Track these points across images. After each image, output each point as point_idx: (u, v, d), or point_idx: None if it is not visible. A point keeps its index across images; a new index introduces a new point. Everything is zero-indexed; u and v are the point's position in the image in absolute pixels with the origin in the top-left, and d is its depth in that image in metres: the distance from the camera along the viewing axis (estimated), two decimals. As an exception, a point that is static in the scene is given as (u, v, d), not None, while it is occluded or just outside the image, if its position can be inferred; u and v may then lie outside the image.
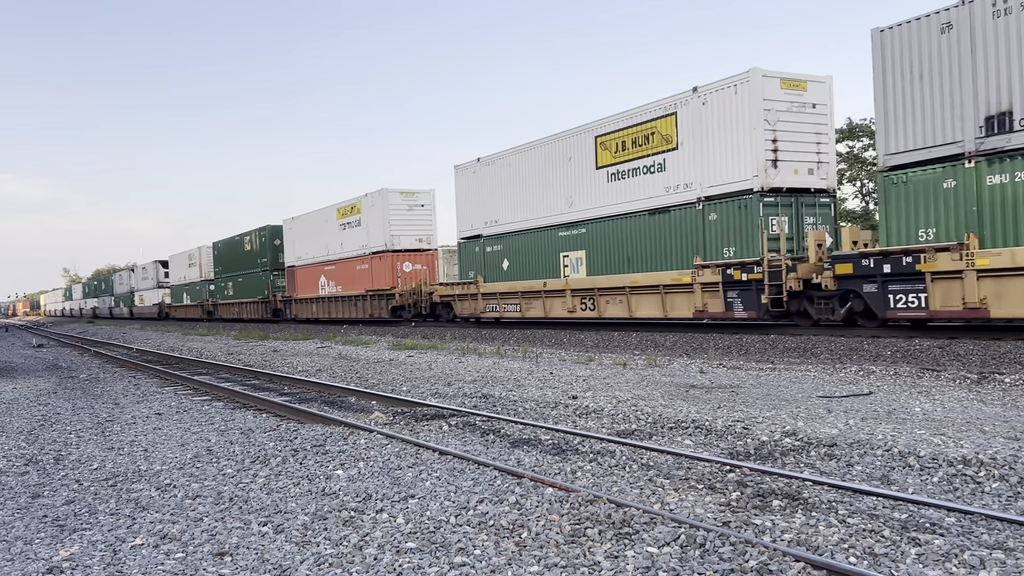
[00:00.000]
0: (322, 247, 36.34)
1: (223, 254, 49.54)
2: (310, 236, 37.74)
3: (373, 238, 32.00)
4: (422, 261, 31.68)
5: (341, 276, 34.64)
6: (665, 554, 4.09)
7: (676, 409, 8.54)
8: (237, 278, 46.96)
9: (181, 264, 58.78)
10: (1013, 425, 6.98)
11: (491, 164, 25.62)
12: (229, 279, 48.38)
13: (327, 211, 36.08)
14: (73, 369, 18.30)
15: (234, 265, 47.50)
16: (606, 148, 20.66)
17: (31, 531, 5.13)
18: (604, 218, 20.74)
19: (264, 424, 8.80)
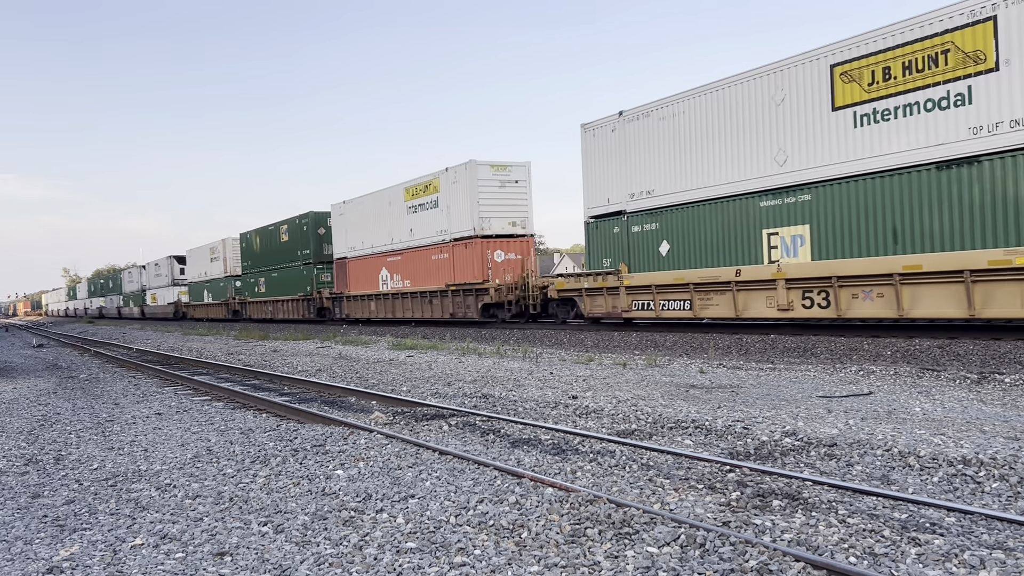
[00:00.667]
0: (383, 235, 30.54)
1: (253, 246, 43.51)
2: (367, 222, 31.79)
3: (456, 221, 26.19)
4: (516, 249, 25.66)
5: (410, 268, 28.98)
6: (665, 554, 4.09)
7: (676, 409, 8.54)
8: (271, 273, 40.83)
9: (201, 259, 53.08)
10: (1013, 425, 6.98)
11: (641, 118, 19.73)
12: (261, 274, 42.39)
13: (390, 192, 30.10)
14: (73, 369, 18.30)
15: (267, 258, 41.25)
16: (852, 79, 14.75)
17: (31, 531, 5.13)
18: (846, 178, 14.83)
19: (264, 424, 8.80)
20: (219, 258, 49.04)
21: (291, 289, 38.50)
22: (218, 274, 49.29)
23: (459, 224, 26.10)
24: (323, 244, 35.97)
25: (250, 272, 44.34)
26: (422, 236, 28.26)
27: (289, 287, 38.82)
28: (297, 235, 37.68)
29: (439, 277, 27.17)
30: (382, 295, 30.77)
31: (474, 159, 25.30)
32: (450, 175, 26.44)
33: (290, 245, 38.44)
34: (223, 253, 48.37)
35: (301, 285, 37.31)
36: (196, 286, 54.44)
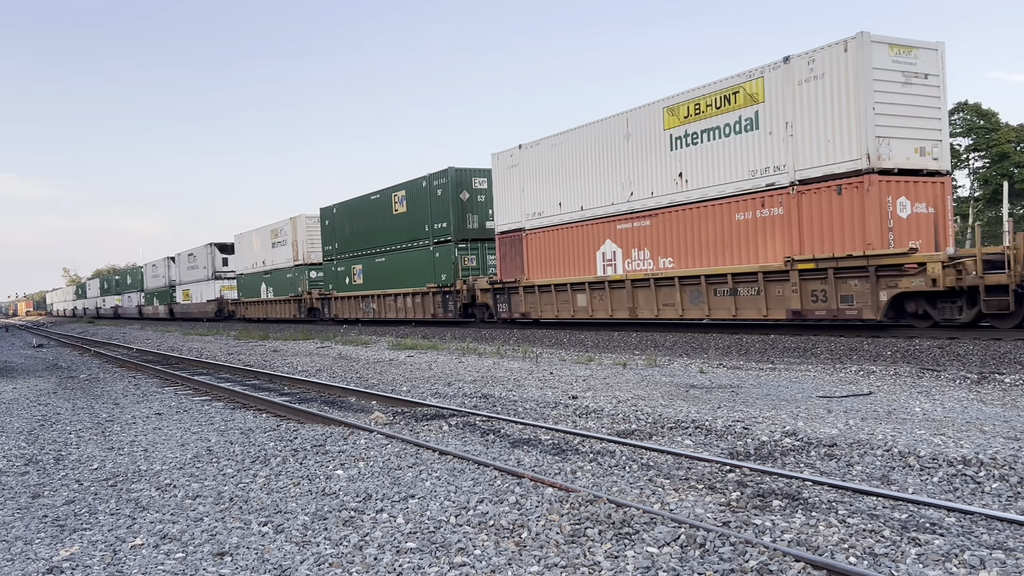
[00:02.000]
0: (608, 188, 19.67)
1: (341, 225, 33.59)
2: (570, 172, 20.97)
3: (810, 148, 15.02)
4: (927, 197, 14.72)
5: (672, 238, 18.13)
6: (665, 554, 4.08)
7: (676, 409, 8.54)
8: (374, 258, 30.87)
9: (256, 245, 43.06)
10: (1013, 425, 6.98)
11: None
12: (355, 259, 32.49)
13: (629, 118, 19.10)
14: (73, 369, 18.30)
15: (367, 239, 31.42)
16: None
17: (31, 531, 5.13)
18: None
19: (264, 424, 8.80)
20: (285, 242, 39.03)
21: (411, 278, 28.29)
22: (284, 262, 39.28)
23: (818, 151, 14.84)
24: (466, 215, 26.06)
25: (337, 258, 34.14)
26: (714, 181, 16.98)
27: (408, 276, 28.55)
28: (423, 204, 27.45)
29: (748, 249, 16.26)
30: (604, 283, 19.64)
31: (864, 31, 14.05)
32: (798, 67, 15.09)
33: (410, 219, 28.28)
34: (292, 236, 38.48)
35: (429, 272, 27.01)
36: (249, 279, 44.50)
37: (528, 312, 23.09)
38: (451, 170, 26.25)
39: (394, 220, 29.66)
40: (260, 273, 43.00)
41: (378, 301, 31.00)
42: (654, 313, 18.58)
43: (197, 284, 53.04)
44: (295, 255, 38.47)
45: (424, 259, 27.53)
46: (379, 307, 30.94)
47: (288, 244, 39.10)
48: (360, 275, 32.47)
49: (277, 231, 40.43)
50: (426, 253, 27.45)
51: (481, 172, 26.48)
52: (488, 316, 25.05)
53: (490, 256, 25.92)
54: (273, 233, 40.92)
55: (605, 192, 19.91)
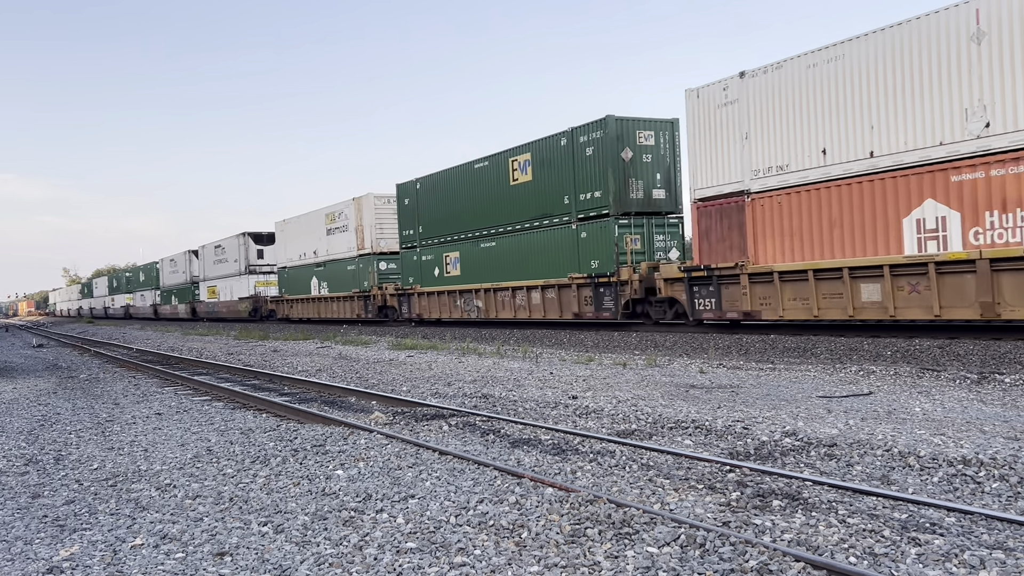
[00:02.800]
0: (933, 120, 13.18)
1: (432, 202, 27.22)
2: (837, 104, 14.57)
3: None
4: None
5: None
6: (665, 554, 4.09)
7: (676, 409, 8.54)
8: (479, 242, 24.50)
9: (306, 233, 36.78)
10: (1013, 425, 6.98)
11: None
12: (450, 246, 26.17)
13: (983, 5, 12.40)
14: (73, 369, 18.30)
15: (468, 218, 25.12)
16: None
17: (31, 531, 5.13)
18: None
19: (264, 424, 8.80)
20: (346, 228, 32.90)
21: (540, 267, 21.92)
22: (344, 252, 33.08)
23: None
24: (628, 181, 19.76)
25: (421, 245, 27.84)
26: None
27: (535, 264, 22.16)
28: (561, 168, 21.10)
29: None
30: (927, 265, 13.08)
31: None
32: None
33: (538, 189, 22.03)
34: (355, 220, 32.01)
35: (571, 258, 20.82)
36: (295, 273, 38.21)
37: (756, 311, 15.91)
38: (610, 120, 19.61)
39: (512, 193, 23.00)
40: (310, 266, 36.41)
41: (486, 297, 24.16)
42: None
43: (226, 280, 46.50)
44: (360, 243, 31.79)
45: (563, 241, 21.10)
46: (487, 304, 24.16)
47: (350, 230, 32.51)
48: (456, 264, 25.89)
49: (334, 215, 33.62)
50: (566, 233, 20.99)
51: (647, 124, 20.06)
52: (676, 315, 18.35)
53: (658, 236, 20.06)
54: (329, 218, 34.09)
55: (924, 128, 13.32)
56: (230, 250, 46.77)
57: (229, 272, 46.67)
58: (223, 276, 47.56)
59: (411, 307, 28.85)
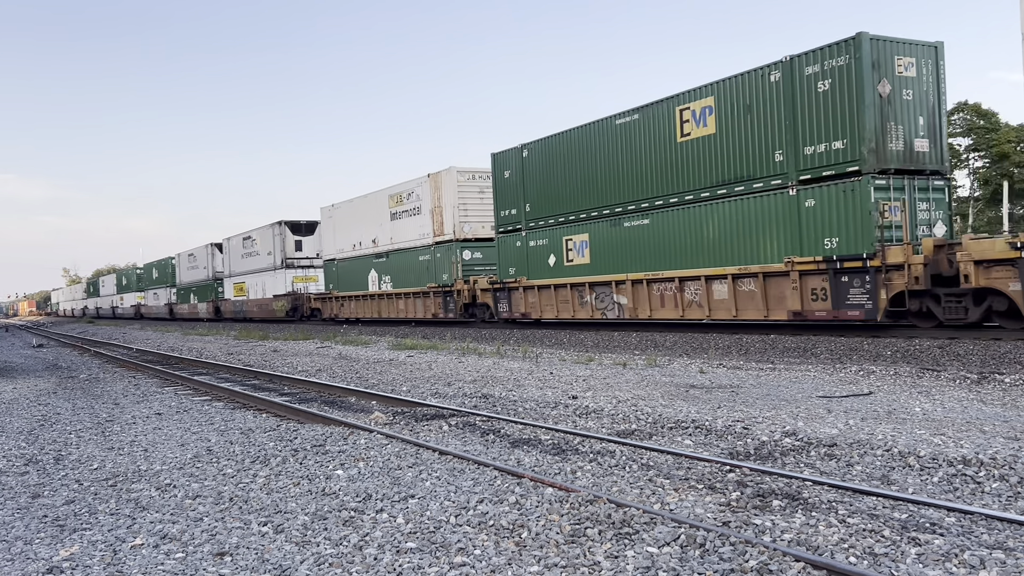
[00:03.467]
0: None
1: (545, 172, 21.77)
2: None
3: None
4: None
5: None
6: (665, 554, 4.08)
7: (676, 409, 8.53)
8: (623, 220, 19.24)
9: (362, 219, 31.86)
10: (1013, 425, 6.98)
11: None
12: (573, 227, 20.88)
13: None
14: (73, 369, 18.30)
15: (604, 190, 19.78)
16: None
17: (31, 531, 5.13)
18: None
19: (264, 424, 8.80)
20: (418, 211, 28.00)
21: (733, 250, 16.54)
22: (414, 240, 28.18)
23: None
24: (887, 126, 14.34)
25: (528, 227, 22.33)
26: None
27: (716, 247, 16.91)
28: (763, 116, 15.87)
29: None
30: None
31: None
32: None
33: (720, 146, 16.73)
34: (431, 200, 27.01)
35: (787, 235, 15.43)
36: (349, 266, 33.28)
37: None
38: (863, 40, 14.10)
39: (681, 152, 17.65)
40: (367, 257, 31.46)
41: (633, 291, 18.70)
42: None
43: (258, 276, 41.21)
44: (437, 228, 26.81)
45: (772, 212, 15.77)
46: (635, 300, 18.73)
47: (423, 213, 27.62)
48: (583, 250, 20.45)
49: (401, 196, 29.02)
50: (779, 202, 15.62)
51: (908, 48, 14.71)
52: None
53: (921, 204, 14.66)
54: (395, 199, 29.44)
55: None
56: (262, 242, 40.79)
57: (261, 266, 41.06)
58: (253, 271, 42.14)
59: (512, 304, 23.17)
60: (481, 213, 26.29)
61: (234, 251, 45.95)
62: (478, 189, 26.42)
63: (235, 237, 45.82)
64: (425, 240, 27.76)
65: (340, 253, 34.31)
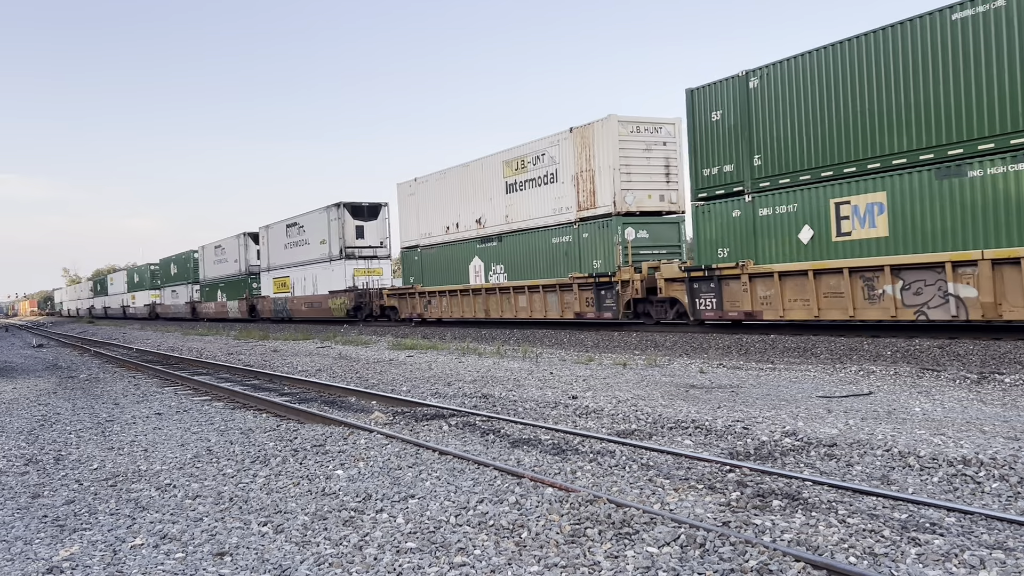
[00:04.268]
0: None
1: (803, 104, 15.06)
2: None
3: None
4: None
5: None
6: (665, 554, 4.08)
7: (676, 409, 8.54)
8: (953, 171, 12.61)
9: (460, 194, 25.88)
10: (1013, 425, 6.98)
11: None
12: (864, 183, 14.03)
13: None
14: (73, 369, 18.30)
15: (924, 127, 13.15)
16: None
17: (31, 531, 5.13)
18: None
19: (264, 424, 8.80)
20: (551, 177, 21.86)
21: None
22: (546, 215, 22.15)
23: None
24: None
25: (757, 189, 16.12)
26: None
27: None
28: None
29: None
30: None
31: None
32: None
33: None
34: (573, 163, 21.09)
35: None
36: (439, 254, 27.10)
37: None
38: None
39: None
40: (468, 242, 25.24)
41: (993, 278, 12.19)
42: None
43: (307, 269, 35.57)
44: (585, 199, 20.74)
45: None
46: (995, 290, 12.13)
47: (562, 181, 21.28)
48: (875, 217, 14.10)
49: (523, 162, 22.78)
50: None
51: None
52: None
53: None
54: (514, 166, 23.06)
55: None
56: (313, 228, 34.81)
57: (311, 258, 35.28)
58: (301, 263, 36.34)
59: (723, 300, 16.88)
60: (647, 178, 20.10)
61: (275, 241, 39.47)
62: (643, 146, 20.08)
63: (276, 224, 39.57)
64: (563, 216, 21.30)
65: (426, 238, 27.90)
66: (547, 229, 22.33)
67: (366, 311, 31.65)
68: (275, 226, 40.09)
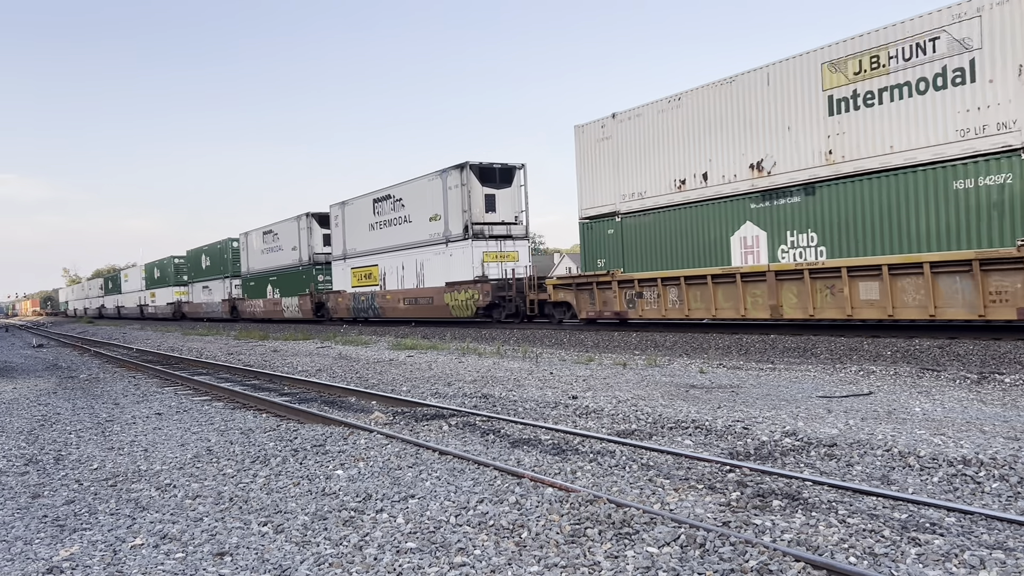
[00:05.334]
0: None
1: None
2: None
3: None
4: None
5: None
6: (665, 554, 4.08)
7: (676, 409, 8.53)
8: None
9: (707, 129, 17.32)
10: (1013, 425, 6.98)
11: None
12: None
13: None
14: (73, 369, 18.30)
15: None
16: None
17: (31, 531, 5.13)
18: None
19: (264, 424, 8.80)
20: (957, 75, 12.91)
21: None
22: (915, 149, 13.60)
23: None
24: None
25: None
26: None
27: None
28: None
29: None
30: None
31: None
32: None
33: None
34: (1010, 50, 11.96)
35: None
36: (654, 223, 18.76)
37: None
38: None
39: None
40: (728, 200, 17.12)
41: None
42: None
43: (407, 254, 28.09)
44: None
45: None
46: None
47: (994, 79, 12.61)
48: None
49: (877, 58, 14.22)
50: None
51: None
52: None
53: None
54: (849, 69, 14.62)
55: None
56: (415, 200, 27.54)
57: (415, 239, 27.69)
58: (397, 248, 28.77)
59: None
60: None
61: (353, 220, 31.88)
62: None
63: (356, 200, 31.87)
64: (988, 139, 12.82)
65: (632, 201, 19.53)
66: (942, 165, 13.36)
67: (509, 309, 23.79)
68: (355, 202, 32.06)
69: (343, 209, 33.27)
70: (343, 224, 33.23)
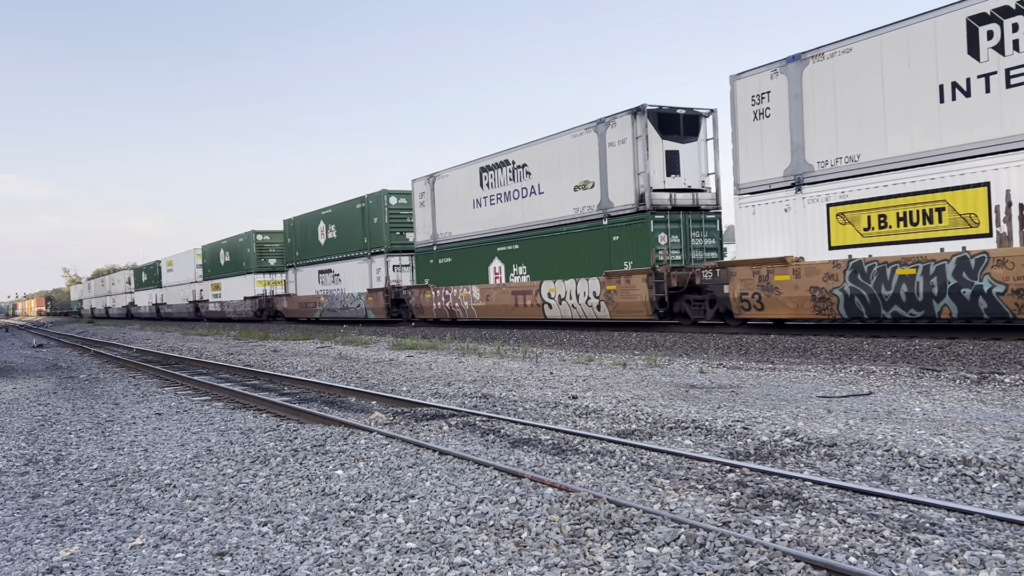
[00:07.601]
0: None
1: None
2: None
3: None
4: None
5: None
6: (665, 554, 4.08)
7: (676, 409, 8.53)
8: None
9: None
10: (1013, 425, 6.98)
11: None
12: None
13: None
14: (73, 369, 18.30)
15: None
16: None
17: (31, 531, 5.13)
18: None
19: (264, 424, 8.80)
20: None
21: None
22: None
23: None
24: None
25: None
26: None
27: None
28: None
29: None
30: None
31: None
32: None
33: None
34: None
35: None
36: None
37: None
38: None
39: None
40: None
41: None
42: None
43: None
44: None
45: None
46: None
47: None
48: None
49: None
50: None
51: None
52: None
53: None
54: None
55: None
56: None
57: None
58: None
59: None
60: None
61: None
62: None
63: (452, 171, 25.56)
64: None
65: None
66: None
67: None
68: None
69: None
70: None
